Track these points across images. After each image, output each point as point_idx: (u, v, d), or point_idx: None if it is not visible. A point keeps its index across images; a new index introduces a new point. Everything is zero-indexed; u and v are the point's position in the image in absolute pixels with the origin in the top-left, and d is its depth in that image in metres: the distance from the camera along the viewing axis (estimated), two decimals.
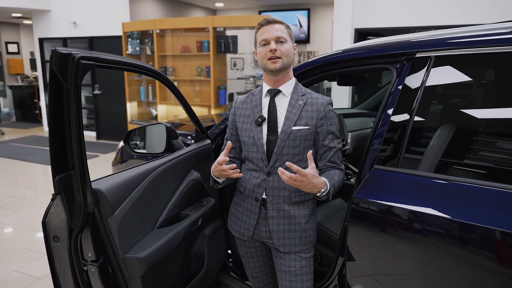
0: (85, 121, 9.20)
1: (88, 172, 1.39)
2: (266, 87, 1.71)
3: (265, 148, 1.65)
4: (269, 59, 1.60)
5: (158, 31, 6.20)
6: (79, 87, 1.25)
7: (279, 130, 1.64)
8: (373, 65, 1.80)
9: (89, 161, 6.75)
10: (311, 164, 1.46)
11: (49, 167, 6.19)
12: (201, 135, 2.19)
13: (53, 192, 1.40)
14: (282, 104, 1.67)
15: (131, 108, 6.96)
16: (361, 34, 5.91)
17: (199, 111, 6.25)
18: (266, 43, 1.62)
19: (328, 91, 7.41)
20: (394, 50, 1.69)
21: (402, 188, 1.53)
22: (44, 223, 1.44)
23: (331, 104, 1.69)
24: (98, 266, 1.47)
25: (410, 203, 1.46)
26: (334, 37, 5.99)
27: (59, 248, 1.46)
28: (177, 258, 1.83)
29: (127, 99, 6.89)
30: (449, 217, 1.34)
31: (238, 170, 1.56)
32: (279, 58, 1.60)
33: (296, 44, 1.72)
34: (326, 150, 1.68)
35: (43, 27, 8.74)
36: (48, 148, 7.43)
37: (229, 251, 2.42)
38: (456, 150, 1.49)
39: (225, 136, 1.85)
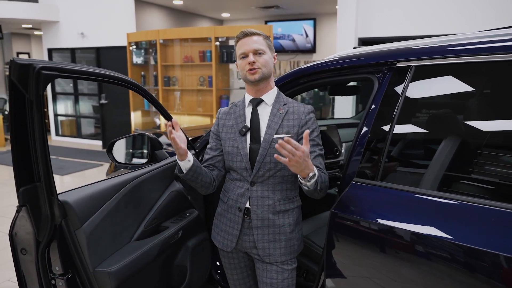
0: (92, 130, 9.30)
1: (54, 183, 1.37)
2: (248, 97, 1.73)
3: (249, 157, 1.65)
4: (248, 70, 1.63)
5: (161, 41, 6.25)
6: (41, 98, 1.24)
7: (261, 138, 1.64)
8: (356, 74, 1.76)
9: (93, 170, 6.75)
10: (307, 143, 1.41)
11: (54, 176, 6.25)
12: None
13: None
14: (265, 113, 1.69)
15: (135, 118, 7.00)
16: (365, 43, 5.86)
17: (201, 120, 6.26)
18: (245, 55, 1.64)
19: (333, 101, 7.36)
20: (375, 60, 1.65)
21: (381, 203, 1.48)
22: (10, 236, 1.42)
23: (313, 112, 1.70)
24: (65, 280, 1.44)
25: (389, 218, 1.41)
26: (338, 46, 5.96)
27: (26, 261, 1.44)
28: (155, 271, 1.80)
29: (131, 108, 6.94)
30: (427, 233, 1.28)
31: (171, 129, 1.52)
32: (258, 68, 1.63)
33: (276, 54, 1.73)
34: None
35: (52, 38, 8.90)
36: (54, 157, 7.53)
37: (218, 263, 2.37)
38: (437, 163, 1.43)
39: (208, 145, 1.82)
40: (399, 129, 1.51)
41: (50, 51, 9.03)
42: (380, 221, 1.42)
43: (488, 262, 1.16)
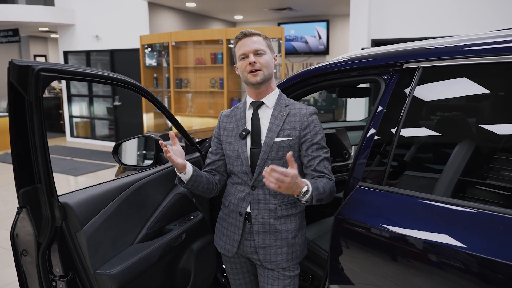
0: (106, 131, 9.40)
1: (54, 185, 1.37)
2: (249, 100, 1.69)
3: (249, 161, 1.61)
4: (250, 72, 1.59)
5: (173, 43, 6.28)
6: (41, 99, 1.23)
7: (262, 142, 1.60)
8: (362, 76, 1.72)
9: (106, 171, 6.80)
10: (293, 165, 1.35)
11: (68, 177, 6.33)
12: (190, 148, 2.15)
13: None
14: (266, 116, 1.65)
15: (148, 119, 7.05)
16: (378, 44, 5.79)
17: (212, 122, 6.27)
18: (245, 56, 1.60)
19: (345, 102, 7.28)
20: (382, 61, 1.61)
21: (386, 209, 1.43)
22: (12, 237, 1.42)
23: (316, 114, 1.64)
24: (66, 282, 1.44)
25: (394, 225, 1.36)
26: (350, 48, 5.90)
27: (27, 262, 1.44)
28: (157, 274, 1.78)
29: (143, 110, 6.99)
30: (433, 241, 1.23)
31: (166, 149, 1.46)
32: (260, 70, 1.59)
33: (276, 55, 1.69)
34: (310, 159, 1.61)
35: (68, 41, 9.04)
36: (69, 158, 7.64)
37: (224, 266, 2.35)
38: (444, 168, 1.39)
39: (209, 149, 1.81)
40: (406, 132, 1.47)
41: (66, 53, 9.18)
42: (385, 227, 1.37)
43: (505, 274, 1.10)
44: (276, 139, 1.58)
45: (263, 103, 1.65)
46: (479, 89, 1.36)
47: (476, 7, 5.06)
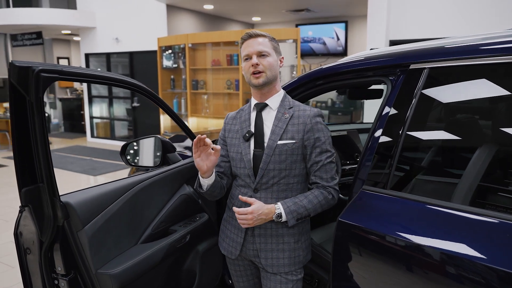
0: (125, 132, 9.55)
1: (56, 185, 1.39)
2: (253, 101, 1.68)
3: (252, 164, 1.60)
4: (253, 74, 1.57)
5: (190, 45, 6.33)
6: (41, 100, 1.25)
7: (265, 144, 1.59)
8: (369, 77, 1.69)
9: (124, 171, 6.86)
10: (252, 202, 1.51)
11: (87, 176, 6.45)
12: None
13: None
14: (269, 118, 1.63)
15: (165, 121, 7.12)
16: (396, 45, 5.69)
17: None
18: (248, 57, 1.59)
19: (363, 104, 7.18)
20: (388, 62, 1.58)
21: (390, 213, 1.39)
22: (15, 235, 1.45)
23: (320, 116, 1.61)
24: (67, 280, 1.46)
25: (397, 230, 1.32)
26: (368, 49, 5.82)
27: (31, 260, 1.46)
28: (160, 275, 1.78)
29: (160, 112, 7.06)
30: (439, 248, 1.19)
31: (219, 147, 1.51)
32: (262, 72, 1.57)
33: (282, 56, 1.66)
34: (312, 163, 1.60)
35: (89, 43, 9.24)
36: (88, 158, 7.80)
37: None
38: (453, 172, 1.34)
39: None
40: (412, 134, 1.43)
41: (87, 56, 9.37)
42: (388, 232, 1.33)
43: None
44: (279, 142, 1.56)
45: (266, 105, 1.64)
46: (487, 90, 1.31)
47: (497, 7, 4.91)
